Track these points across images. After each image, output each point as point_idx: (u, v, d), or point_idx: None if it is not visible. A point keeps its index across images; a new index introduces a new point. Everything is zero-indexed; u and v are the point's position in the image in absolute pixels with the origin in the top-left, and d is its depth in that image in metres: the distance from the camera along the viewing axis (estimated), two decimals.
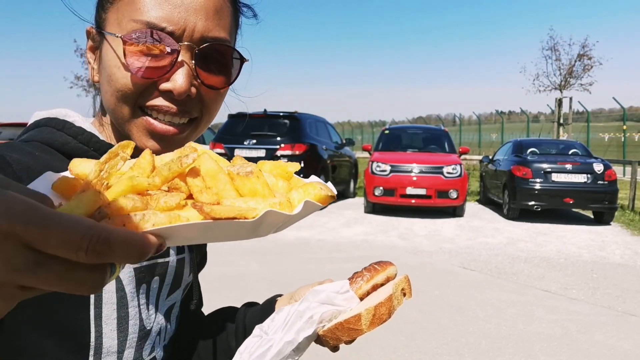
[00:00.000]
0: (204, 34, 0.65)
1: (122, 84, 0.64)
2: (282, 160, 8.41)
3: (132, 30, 0.63)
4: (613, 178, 9.26)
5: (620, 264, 6.42)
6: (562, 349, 3.79)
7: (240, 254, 6.43)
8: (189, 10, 0.63)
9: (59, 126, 0.68)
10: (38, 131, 0.68)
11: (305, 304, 0.69)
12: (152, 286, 0.72)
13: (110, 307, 0.65)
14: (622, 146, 20.61)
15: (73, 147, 0.66)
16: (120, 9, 0.65)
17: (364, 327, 0.65)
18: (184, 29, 0.63)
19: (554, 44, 19.72)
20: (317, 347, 0.75)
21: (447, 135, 11.54)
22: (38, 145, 0.65)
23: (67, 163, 0.62)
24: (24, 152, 0.61)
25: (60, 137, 0.66)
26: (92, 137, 0.68)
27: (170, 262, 0.75)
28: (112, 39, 0.64)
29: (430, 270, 5.94)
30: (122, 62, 0.63)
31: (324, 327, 0.68)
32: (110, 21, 0.66)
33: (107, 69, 0.65)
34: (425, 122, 37.41)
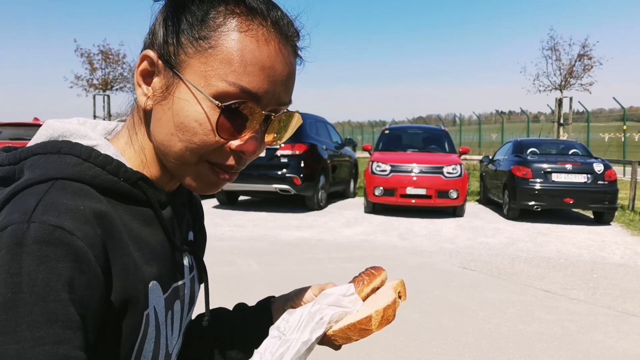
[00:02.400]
0: (281, 102, 0.66)
1: (200, 140, 0.63)
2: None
3: (224, 93, 0.61)
4: (613, 178, 9.26)
5: (620, 264, 6.42)
6: (562, 349, 3.79)
7: (240, 254, 6.43)
8: (277, 80, 0.64)
9: (84, 155, 0.64)
10: (61, 160, 0.63)
11: (317, 306, 0.73)
12: (175, 310, 0.72)
13: (150, 341, 0.65)
14: (622, 146, 20.62)
15: (103, 180, 0.63)
16: (210, 63, 0.62)
17: (373, 327, 0.72)
18: (271, 97, 0.64)
19: (554, 44, 19.69)
20: (317, 347, 0.78)
21: (447, 135, 11.54)
22: (72, 187, 0.60)
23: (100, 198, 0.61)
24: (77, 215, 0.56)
25: (90, 170, 0.63)
26: (120, 167, 0.65)
27: (185, 282, 0.75)
28: (197, 93, 0.62)
29: (430, 270, 5.94)
30: (209, 121, 0.62)
31: (331, 328, 0.73)
32: (195, 70, 0.62)
33: (181, 117, 0.63)
34: (425, 122, 37.40)
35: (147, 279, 0.63)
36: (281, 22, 0.65)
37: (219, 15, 0.63)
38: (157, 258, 0.66)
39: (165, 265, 0.68)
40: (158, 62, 0.65)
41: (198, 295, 0.82)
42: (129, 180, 0.65)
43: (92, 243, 0.56)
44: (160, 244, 0.68)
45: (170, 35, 0.64)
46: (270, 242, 7.22)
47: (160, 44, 0.65)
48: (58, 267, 0.52)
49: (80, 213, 0.57)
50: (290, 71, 0.66)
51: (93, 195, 0.61)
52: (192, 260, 0.78)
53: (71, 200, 0.58)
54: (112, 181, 0.64)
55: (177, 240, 0.72)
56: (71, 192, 0.59)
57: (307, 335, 0.70)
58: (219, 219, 9.04)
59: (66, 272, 0.52)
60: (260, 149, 0.67)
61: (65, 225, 0.54)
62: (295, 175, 9.53)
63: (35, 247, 0.52)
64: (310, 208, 10.23)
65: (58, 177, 0.60)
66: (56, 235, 0.53)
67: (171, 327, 0.72)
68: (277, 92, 0.65)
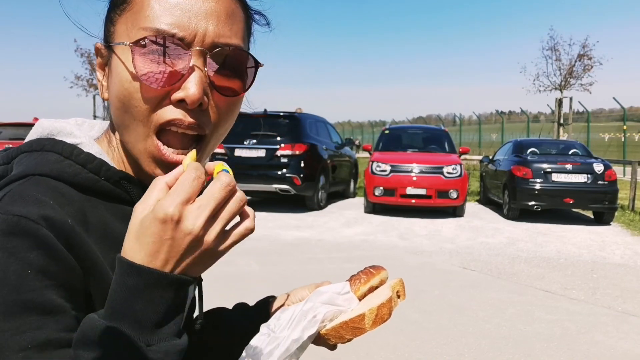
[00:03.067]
0: (215, 40, 0.62)
1: (133, 97, 0.61)
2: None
3: (142, 38, 0.60)
4: (613, 178, 9.26)
5: (620, 264, 6.42)
6: (562, 349, 3.79)
7: (240, 254, 6.43)
8: (199, 15, 0.61)
9: (66, 153, 0.63)
10: (42, 157, 0.62)
11: (309, 304, 0.71)
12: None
13: None
14: (622, 146, 20.61)
15: (84, 178, 0.62)
16: (129, 19, 0.62)
17: (367, 326, 0.69)
18: (195, 35, 0.61)
19: (554, 44, 19.71)
20: (317, 347, 0.77)
21: (447, 135, 11.54)
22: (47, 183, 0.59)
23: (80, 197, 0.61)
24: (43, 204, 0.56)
25: (69, 168, 0.62)
26: (102, 165, 0.64)
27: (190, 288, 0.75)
28: (121, 50, 0.61)
29: (430, 270, 5.94)
30: (131, 72, 0.60)
31: (325, 327, 0.71)
32: (119, 33, 0.63)
33: (117, 83, 0.62)
34: (425, 122, 37.39)
35: None
36: None
37: None
38: None
39: None
40: (101, 47, 0.66)
41: (191, 296, 0.81)
42: (111, 179, 0.64)
43: (59, 232, 0.55)
44: None
45: (108, 16, 0.66)
46: (270, 242, 7.22)
47: (103, 32, 0.67)
48: (29, 258, 0.52)
49: (46, 203, 0.57)
50: (217, 5, 0.62)
51: (66, 194, 0.60)
52: None
53: (41, 193, 0.58)
54: (92, 179, 0.63)
55: None
56: (44, 185, 0.59)
57: (298, 333, 0.68)
58: None
59: (37, 260, 0.53)
60: (206, 94, 0.62)
61: (29, 215, 0.54)
62: (295, 175, 9.53)
63: (2, 239, 0.53)
64: (310, 208, 10.23)
65: (36, 174, 0.60)
66: (21, 225, 0.53)
67: None
68: (204, 26, 0.61)
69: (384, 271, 0.78)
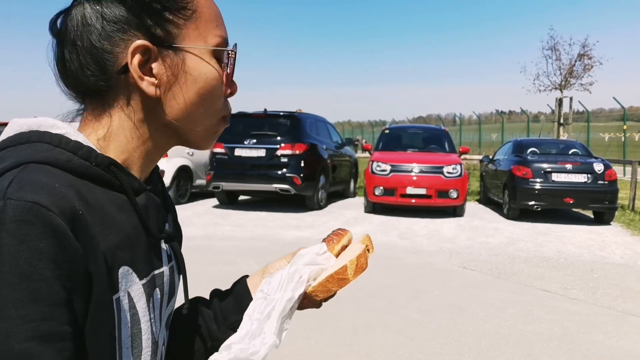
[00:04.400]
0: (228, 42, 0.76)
1: (215, 94, 0.72)
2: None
3: (217, 45, 0.72)
4: (613, 178, 9.26)
5: (620, 264, 6.42)
6: (562, 349, 3.79)
7: (240, 254, 6.43)
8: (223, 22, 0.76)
9: (55, 142, 0.64)
10: (31, 148, 0.63)
11: (294, 266, 0.79)
12: (155, 298, 0.72)
13: (126, 327, 0.65)
14: (622, 146, 20.62)
15: (76, 164, 0.63)
16: (201, 25, 0.70)
17: (350, 276, 0.79)
18: (228, 39, 0.75)
19: (554, 44, 19.70)
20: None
21: (448, 135, 11.54)
22: (46, 169, 0.61)
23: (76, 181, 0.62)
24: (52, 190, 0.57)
25: (62, 155, 0.63)
26: (91, 152, 0.65)
27: (164, 271, 0.76)
28: (204, 54, 0.71)
29: (430, 270, 5.94)
30: (216, 72, 0.72)
31: (310, 285, 0.79)
32: (191, 36, 0.70)
33: (200, 82, 0.70)
34: (425, 121, 37.40)
35: (118, 263, 0.63)
36: None
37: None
38: (131, 244, 0.66)
39: (140, 251, 0.68)
40: (153, 48, 0.67)
41: (178, 286, 0.82)
42: (101, 165, 0.66)
43: (70, 219, 0.56)
44: (134, 230, 0.67)
45: (154, 19, 0.67)
46: (270, 242, 7.22)
47: (144, 31, 0.67)
48: (39, 246, 0.53)
49: (56, 189, 0.58)
50: None
51: (66, 177, 0.62)
52: (171, 250, 0.79)
53: (46, 178, 0.58)
54: (84, 165, 0.64)
55: (153, 228, 0.72)
56: (44, 171, 0.60)
57: (290, 293, 0.76)
58: (219, 219, 9.04)
59: (48, 249, 0.53)
60: None
61: (41, 202, 0.55)
62: (295, 175, 9.52)
63: (13, 226, 0.53)
64: (310, 208, 10.22)
65: (30, 161, 0.61)
66: (33, 212, 0.54)
67: (154, 314, 0.71)
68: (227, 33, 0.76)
69: (349, 232, 0.89)
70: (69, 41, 0.68)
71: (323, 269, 0.80)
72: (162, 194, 0.82)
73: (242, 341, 0.72)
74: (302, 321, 3.99)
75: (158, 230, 0.74)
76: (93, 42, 0.67)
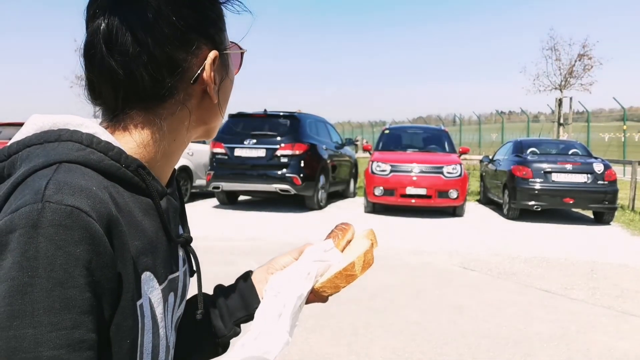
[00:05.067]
0: None
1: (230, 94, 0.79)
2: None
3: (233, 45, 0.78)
4: (613, 178, 9.26)
5: (621, 264, 6.42)
6: (562, 349, 3.79)
7: (241, 254, 6.43)
8: None
9: (86, 141, 0.62)
10: (62, 147, 0.61)
11: (302, 263, 0.80)
12: (169, 302, 0.72)
13: (149, 333, 0.65)
14: (622, 146, 20.61)
15: (107, 165, 0.62)
16: (222, 29, 0.75)
17: (357, 272, 0.79)
18: None
19: (554, 44, 19.69)
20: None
21: (447, 135, 11.54)
22: (80, 170, 0.60)
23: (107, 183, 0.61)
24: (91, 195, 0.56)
25: (93, 155, 0.62)
26: (121, 154, 0.64)
27: (179, 275, 0.76)
28: (235, 55, 0.78)
29: (430, 270, 5.94)
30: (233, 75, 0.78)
31: (318, 282, 0.80)
32: (221, 38, 0.74)
33: (229, 85, 0.77)
34: (425, 121, 37.37)
35: (141, 269, 0.63)
36: None
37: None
38: (154, 249, 0.66)
39: (161, 256, 0.68)
40: (217, 56, 0.72)
41: (189, 288, 0.82)
42: (130, 167, 0.64)
43: (107, 224, 0.56)
44: (156, 235, 0.67)
45: (213, 27, 0.72)
46: (270, 242, 7.21)
47: (211, 39, 0.72)
48: (76, 252, 0.52)
49: (94, 193, 0.56)
50: None
51: (99, 179, 0.61)
52: (184, 254, 0.79)
53: (82, 180, 0.57)
54: (115, 167, 0.63)
55: (173, 232, 0.72)
56: (80, 173, 0.58)
57: (300, 291, 0.77)
58: (219, 219, 9.04)
59: (83, 256, 0.53)
60: None
61: (81, 206, 0.54)
62: (295, 175, 9.52)
63: (51, 230, 0.52)
64: (310, 208, 10.22)
65: (63, 161, 0.59)
66: (73, 217, 0.53)
67: (167, 319, 0.71)
68: None
69: (352, 226, 0.91)
70: (123, 44, 0.66)
71: (330, 265, 0.81)
72: (179, 198, 0.82)
73: (256, 340, 0.73)
74: (302, 321, 3.98)
75: (176, 234, 0.74)
76: (162, 49, 0.66)
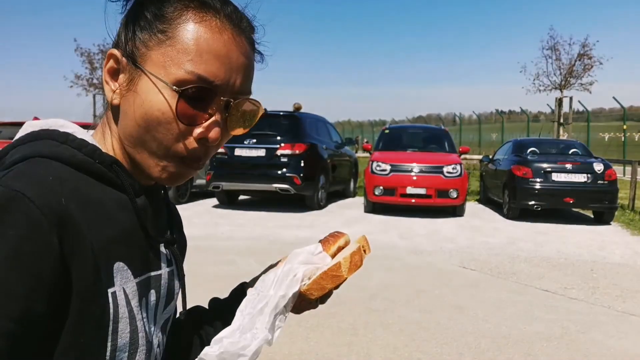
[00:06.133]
0: (239, 90, 0.70)
1: (161, 126, 0.67)
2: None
3: (182, 80, 0.66)
4: (613, 178, 9.26)
5: (620, 263, 6.43)
6: (562, 349, 3.79)
7: (240, 254, 6.43)
8: (234, 68, 0.68)
9: (61, 139, 0.68)
10: (39, 144, 0.67)
11: (288, 265, 0.78)
12: (150, 299, 0.73)
13: (124, 322, 0.66)
14: (622, 146, 20.62)
15: (80, 160, 0.66)
16: (169, 53, 0.66)
17: (344, 273, 0.78)
18: (227, 85, 0.68)
19: (554, 44, 19.69)
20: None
21: (447, 135, 11.54)
22: (47, 163, 0.64)
23: (78, 176, 0.65)
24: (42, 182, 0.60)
25: (66, 151, 0.66)
26: (95, 150, 0.68)
27: (162, 274, 0.77)
28: (158, 82, 0.67)
29: (430, 270, 5.94)
30: (171, 109, 0.66)
31: (304, 285, 0.78)
32: (154, 61, 0.67)
33: (145, 106, 0.67)
34: (425, 121, 37.40)
35: (112, 257, 0.64)
36: (234, 15, 0.70)
37: (175, 10, 0.67)
38: (128, 241, 0.68)
39: (136, 250, 0.70)
40: (122, 59, 0.70)
41: (178, 292, 0.83)
42: (104, 162, 0.68)
43: (51, 212, 0.57)
44: (132, 229, 0.69)
45: (131, 32, 0.69)
46: (270, 242, 7.22)
47: (123, 42, 0.70)
48: (8, 234, 0.54)
49: (47, 182, 0.60)
50: (246, 60, 0.70)
51: (67, 171, 0.64)
52: (171, 256, 0.80)
53: (42, 170, 0.61)
54: (88, 162, 0.67)
55: (151, 230, 0.73)
56: (45, 165, 0.63)
57: (283, 291, 0.75)
58: (219, 219, 9.04)
59: (14, 239, 0.54)
60: (224, 137, 0.71)
61: (25, 191, 0.57)
62: (295, 175, 9.52)
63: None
64: (310, 207, 10.22)
65: (36, 156, 0.64)
66: (15, 201, 0.56)
67: (146, 314, 0.72)
68: (234, 79, 0.69)
69: (346, 235, 0.89)
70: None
71: (318, 268, 0.79)
72: (167, 204, 0.84)
73: (233, 335, 0.72)
74: (302, 321, 3.99)
75: (157, 233, 0.76)
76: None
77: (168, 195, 0.85)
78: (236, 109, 0.71)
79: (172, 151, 0.69)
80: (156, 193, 0.79)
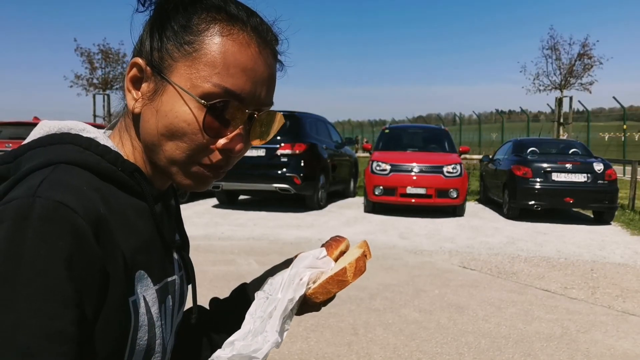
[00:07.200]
0: (264, 102, 0.71)
1: (187, 136, 0.67)
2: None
3: (209, 94, 0.66)
4: (613, 177, 9.26)
5: (620, 263, 6.43)
6: (562, 349, 3.79)
7: (240, 254, 6.43)
8: (260, 82, 0.69)
9: (85, 145, 0.68)
10: (62, 150, 0.66)
11: (294, 269, 0.81)
12: (167, 305, 0.74)
13: (143, 330, 0.67)
14: (622, 146, 20.63)
15: (105, 168, 0.67)
16: (195, 65, 0.66)
17: (349, 278, 0.80)
18: (253, 97, 0.69)
19: (554, 43, 19.65)
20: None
21: (447, 135, 11.54)
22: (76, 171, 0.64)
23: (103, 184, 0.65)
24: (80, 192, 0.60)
25: (91, 157, 0.66)
26: (118, 157, 0.69)
27: (176, 279, 0.78)
28: (184, 94, 0.67)
29: (430, 270, 5.94)
30: (197, 121, 0.67)
31: (309, 288, 0.80)
32: (181, 73, 0.67)
33: (170, 118, 0.67)
34: (425, 121, 37.37)
35: (135, 266, 0.65)
36: (260, 27, 0.70)
37: (202, 22, 0.67)
38: (148, 249, 0.69)
39: (155, 258, 0.70)
40: (146, 68, 0.70)
41: (187, 294, 0.84)
42: (126, 170, 0.69)
43: (94, 222, 0.58)
44: (151, 237, 0.70)
45: (157, 42, 0.69)
46: (270, 242, 7.22)
47: (148, 52, 0.70)
48: (58, 245, 0.54)
49: (83, 191, 0.60)
50: (271, 73, 0.71)
51: (94, 180, 0.65)
52: (180, 260, 0.81)
53: (75, 180, 0.62)
54: (111, 169, 0.67)
55: (167, 236, 0.74)
56: (75, 173, 0.63)
57: (291, 294, 0.77)
58: (219, 219, 9.04)
59: (66, 249, 0.55)
60: (246, 147, 0.72)
61: (68, 202, 0.57)
62: (295, 175, 9.52)
63: (38, 222, 0.55)
64: (310, 207, 10.22)
65: (61, 162, 0.64)
66: (59, 212, 0.56)
67: (164, 321, 0.73)
68: (259, 92, 0.69)
69: (347, 239, 0.91)
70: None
71: (323, 272, 0.82)
72: (175, 206, 0.84)
73: (245, 338, 0.73)
74: (302, 321, 3.99)
75: (170, 239, 0.77)
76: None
77: (177, 194, 0.86)
78: (259, 121, 0.72)
79: (195, 160, 0.70)
80: (168, 197, 0.79)
